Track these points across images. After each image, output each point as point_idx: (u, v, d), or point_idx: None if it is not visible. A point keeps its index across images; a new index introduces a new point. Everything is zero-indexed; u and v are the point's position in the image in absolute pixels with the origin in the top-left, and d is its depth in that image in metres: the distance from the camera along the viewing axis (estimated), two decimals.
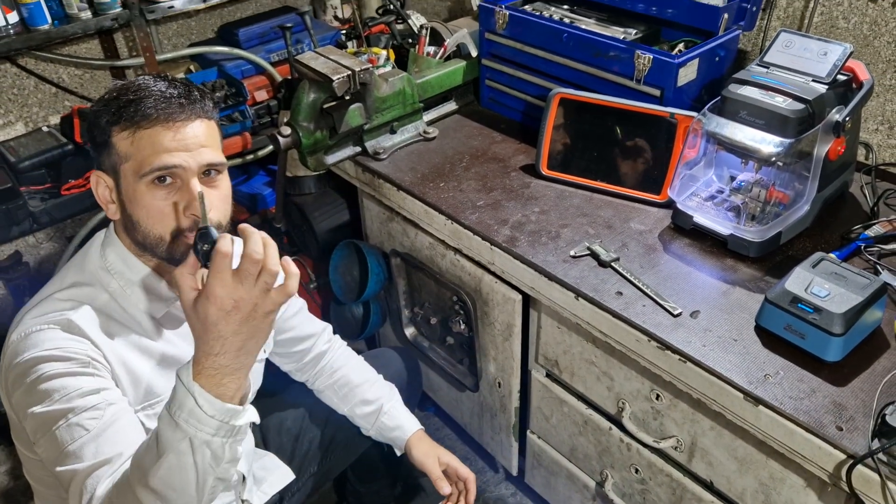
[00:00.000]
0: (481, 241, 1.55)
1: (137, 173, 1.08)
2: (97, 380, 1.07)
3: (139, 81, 1.11)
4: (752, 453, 1.24)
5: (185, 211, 1.10)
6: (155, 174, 1.07)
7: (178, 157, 1.08)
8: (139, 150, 1.07)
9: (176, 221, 1.10)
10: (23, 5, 1.84)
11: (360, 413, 1.56)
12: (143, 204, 1.09)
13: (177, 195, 1.09)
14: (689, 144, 1.47)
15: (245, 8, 2.59)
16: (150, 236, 1.11)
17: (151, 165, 1.07)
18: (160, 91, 1.09)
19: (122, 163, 1.09)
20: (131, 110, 1.07)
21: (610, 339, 1.36)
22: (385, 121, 1.84)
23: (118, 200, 1.13)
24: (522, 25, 1.81)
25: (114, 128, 1.08)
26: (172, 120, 1.08)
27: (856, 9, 1.62)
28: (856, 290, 1.16)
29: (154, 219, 1.10)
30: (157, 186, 1.08)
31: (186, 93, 1.11)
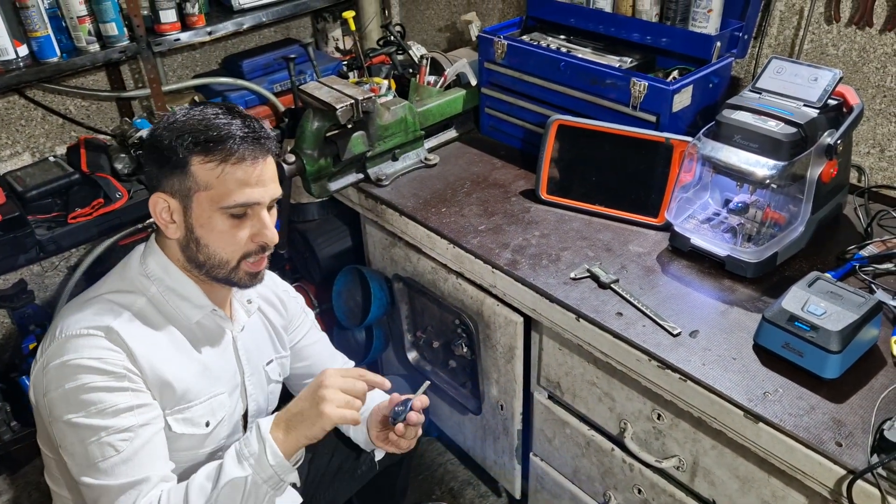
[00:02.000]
0: (483, 265, 1.58)
1: (217, 203, 1.15)
2: (132, 395, 1.13)
3: (209, 115, 1.16)
4: (753, 471, 1.26)
5: (255, 238, 1.19)
6: (237, 209, 1.16)
7: (258, 194, 1.17)
8: (223, 183, 1.14)
9: (244, 247, 1.19)
10: (33, 38, 1.89)
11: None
12: (217, 230, 1.17)
13: (248, 224, 1.18)
14: (685, 168, 1.50)
15: (248, 40, 2.64)
16: (216, 258, 1.19)
17: (236, 201, 1.15)
18: (242, 129, 1.15)
19: (199, 190, 1.15)
20: (220, 145, 1.13)
21: (611, 360, 1.38)
22: (387, 148, 1.87)
23: (183, 222, 1.18)
24: (521, 55, 1.85)
25: (196, 157, 1.14)
26: (254, 158, 1.16)
27: (845, 36, 1.66)
28: (851, 309, 1.19)
29: (225, 243, 1.18)
30: (234, 217, 1.17)
31: (261, 130, 1.19)
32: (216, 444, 1.30)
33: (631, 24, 1.80)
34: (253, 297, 1.39)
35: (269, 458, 1.13)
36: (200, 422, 1.25)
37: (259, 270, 1.25)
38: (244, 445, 1.16)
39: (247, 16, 2.21)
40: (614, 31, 1.84)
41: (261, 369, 1.41)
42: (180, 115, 1.18)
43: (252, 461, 1.14)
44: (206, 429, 1.26)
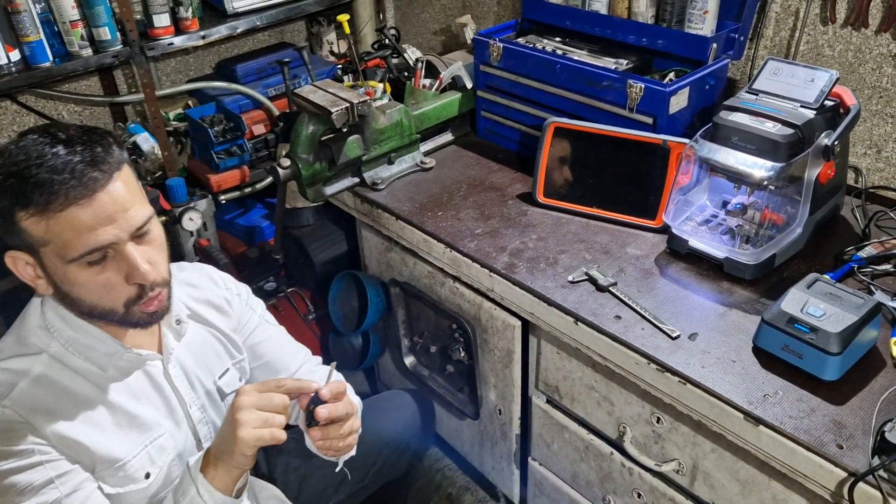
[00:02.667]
0: (480, 269, 1.57)
1: (64, 258, 0.98)
2: (47, 468, 1.02)
3: (31, 150, 0.96)
4: (754, 475, 1.25)
5: (129, 280, 1.02)
6: (86, 259, 0.98)
7: (107, 234, 0.98)
8: (58, 235, 0.96)
9: (124, 293, 1.03)
10: (25, 43, 1.87)
11: None
12: (79, 283, 1.01)
13: (114, 267, 1.01)
14: (683, 170, 1.50)
15: (242, 44, 2.64)
16: (98, 309, 1.04)
17: (78, 251, 0.97)
18: (62, 160, 0.95)
19: (40, 246, 0.98)
20: (35, 193, 0.93)
21: (609, 363, 1.37)
22: (383, 152, 1.86)
23: (46, 277, 1.03)
24: (516, 57, 1.85)
25: (18, 212, 0.95)
26: (88, 195, 0.95)
27: (840, 37, 1.66)
28: (851, 310, 1.18)
29: (98, 294, 1.02)
30: (90, 264, 0.99)
31: (91, 152, 0.97)
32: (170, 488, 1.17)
33: (627, 26, 1.80)
34: (183, 317, 1.23)
35: (205, 498, 1.05)
36: (138, 476, 1.13)
37: (158, 308, 1.08)
38: (179, 491, 1.08)
39: (241, 20, 2.20)
40: (610, 33, 1.84)
41: (211, 388, 1.28)
42: (3, 154, 0.98)
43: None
44: (146, 480, 1.14)
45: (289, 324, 2.29)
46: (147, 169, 2.15)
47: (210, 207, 2.18)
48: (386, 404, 1.67)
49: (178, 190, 2.08)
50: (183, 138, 2.31)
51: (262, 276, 2.25)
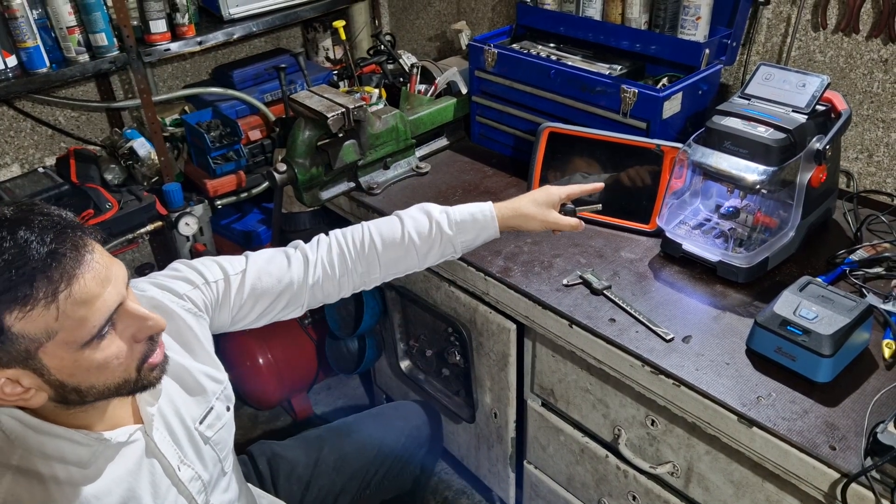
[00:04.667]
0: (475, 272, 1.57)
1: (77, 343, 0.87)
2: None
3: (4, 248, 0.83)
4: (747, 476, 1.26)
5: (138, 336, 0.94)
6: (101, 334, 0.89)
7: (111, 297, 0.89)
8: (69, 318, 0.85)
9: (137, 353, 0.95)
10: (22, 49, 1.88)
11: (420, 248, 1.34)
12: (95, 366, 0.91)
13: (119, 331, 0.93)
14: (676, 174, 1.51)
15: (239, 50, 2.65)
16: (111, 388, 0.94)
17: (97, 325, 0.88)
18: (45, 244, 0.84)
19: (43, 343, 0.86)
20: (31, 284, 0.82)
21: (604, 366, 1.38)
22: (379, 157, 1.87)
23: (44, 384, 0.90)
24: (511, 63, 1.86)
25: (9, 315, 0.82)
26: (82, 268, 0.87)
27: (831, 43, 1.68)
28: (843, 312, 1.19)
29: (112, 369, 0.93)
30: (101, 339, 0.90)
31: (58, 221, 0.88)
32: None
33: (620, 31, 1.81)
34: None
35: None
36: None
37: (162, 359, 1.01)
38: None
39: (237, 26, 2.21)
40: (603, 38, 1.85)
41: (195, 436, 1.15)
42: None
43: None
44: None
45: (285, 327, 2.31)
46: (144, 174, 2.15)
47: (206, 212, 2.19)
48: (393, 413, 1.67)
49: (175, 195, 2.09)
50: (179, 143, 2.32)
51: None
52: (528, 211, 1.37)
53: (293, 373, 2.34)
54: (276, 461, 1.54)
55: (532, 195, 1.39)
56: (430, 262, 1.38)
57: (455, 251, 1.37)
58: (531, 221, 1.37)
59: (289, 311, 1.32)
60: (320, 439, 1.59)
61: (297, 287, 1.29)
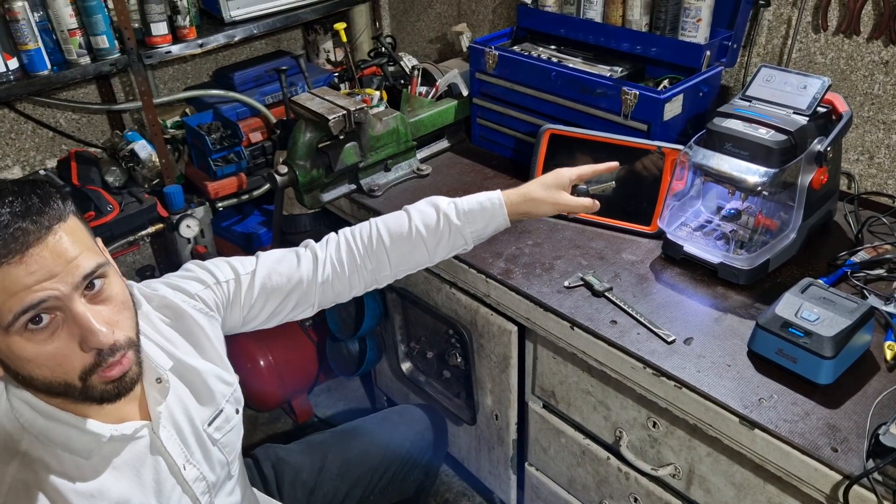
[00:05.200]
0: (476, 274, 1.57)
1: (0, 325, 0.85)
2: None
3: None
4: (749, 478, 1.25)
5: (84, 346, 0.89)
6: (22, 320, 0.85)
7: (44, 291, 0.85)
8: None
9: (78, 362, 0.90)
10: (23, 52, 1.88)
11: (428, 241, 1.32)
12: (26, 356, 0.87)
13: (65, 333, 0.88)
14: (677, 176, 1.51)
15: (240, 52, 2.65)
16: (55, 385, 0.91)
17: (12, 312, 0.84)
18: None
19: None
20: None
21: (605, 368, 1.37)
22: (379, 159, 1.87)
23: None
24: (512, 65, 1.86)
25: None
26: (18, 251, 0.84)
27: (832, 44, 1.68)
28: (844, 314, 1.19)
29: (49, 367, 0.89)
30: (34, 331, 0.86)
31: (24, 205, 0.86)
32: None
33: (621, 33, 1.82)
34: (162, 373, 1.06)
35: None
36: None
37: (120, 375, 0.93)
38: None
39: (238, 28, 2.21)
40: (604, 41, 1.86)
41: (202, 437, 1.14)
42: None
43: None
44: None
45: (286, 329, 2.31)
46: (144, 176, 2.16)
47: (207, 214, 2.19)
48: (397, 418, 1.66)
49: (176, 197, 2.09)
50: (180, 146, 2.32)
51: None
52: (538, 195, 1.33)
53: (294, 374, 2.34)
54: (280, 466, 1.53)
55: (541, 179, 1.36)
56: (440, 256, 1.35)
57: (466, 242, 1.34)
58: (542, 206, 1.34)
59: (299, 310, 1.31)
60: (325, 444, 1.59)
61: (306, 285, 1.28)
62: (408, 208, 1.35)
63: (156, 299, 1.14)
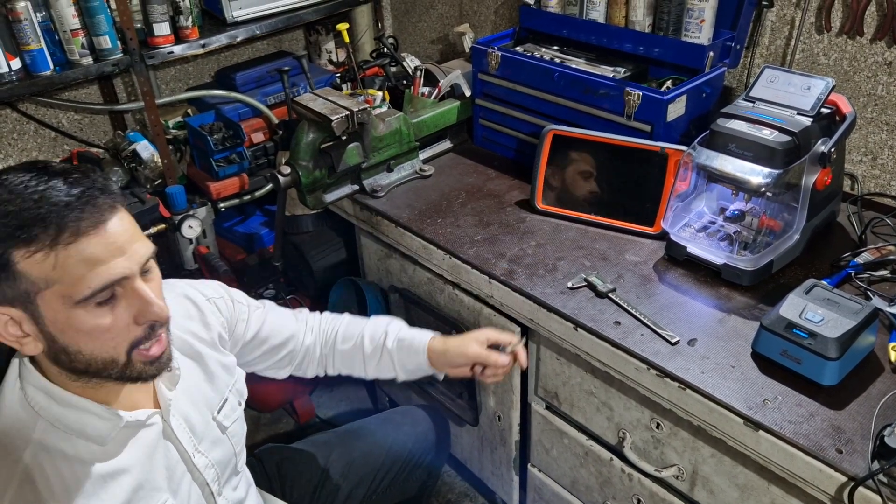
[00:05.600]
0: (479, 275, 1.57)
1: (71, 299, 0.88)
2: None
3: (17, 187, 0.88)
4: (753, 479, 1.25)
5: (139, 319, 0.94)
6: (97, 299, 0.89)
7: (120, 266, 0.89)
8: (67, 272, 0.87)
9: (130, 334, 0.94)
10: (26, 52, 1.88)
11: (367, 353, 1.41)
12: (84, 329, 0.91)
13: (122, 306, 0.92)
14: (681, 177, 1.51)
15: (241, 53, 2.65)
16: (97, 361, 0.94)
17: (92, 288, 0.88)
18: (63, 191, 0.88)
19: (40, 290, 0.88)
20: (41, 226, 0.85)
21: (609, 369, 1.37)
22: (382, 159, 1.87)
23: (39, 332, 0.91)
24: (514, 66, 1.86)
25: (17, 251, 0.86)
26: (96, 225, 0.88)
27: (835, 45, 1.68)
28: (849, 315, 1.19)
29: (101, 341, 0.92)
30: (100, 305, 0.90)
31: (91, 182, 0.91)
32: None
33: (624, 34, 1.81)
34: (175, 361, 1.10)
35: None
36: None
37: (159, 354, 0.98)
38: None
39: (240, 29, 2.21)
40: (607, 41, 1.85)
41: (211, 424, 1.18)
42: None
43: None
44: None
45: None
46: (147, 177, 2.15)
47: (209, 215, 2.19)
48: (400, 418, 1.66)
49: (178, 198, 2.09)
50: (182, 146, 2.32)
51: (262, 283, 2.25)
52: (456, 342, 1.39)
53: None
54: (284, 465, 1.54)
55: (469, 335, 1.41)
56: (370, 373, 1.44)
57: (394, 371, 1.42)
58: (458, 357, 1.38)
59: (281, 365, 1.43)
60: (328, 445, 1.58)
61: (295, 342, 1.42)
62: (373, 318, 1.47)
63: (178, 287, 1.22)
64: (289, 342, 1.40)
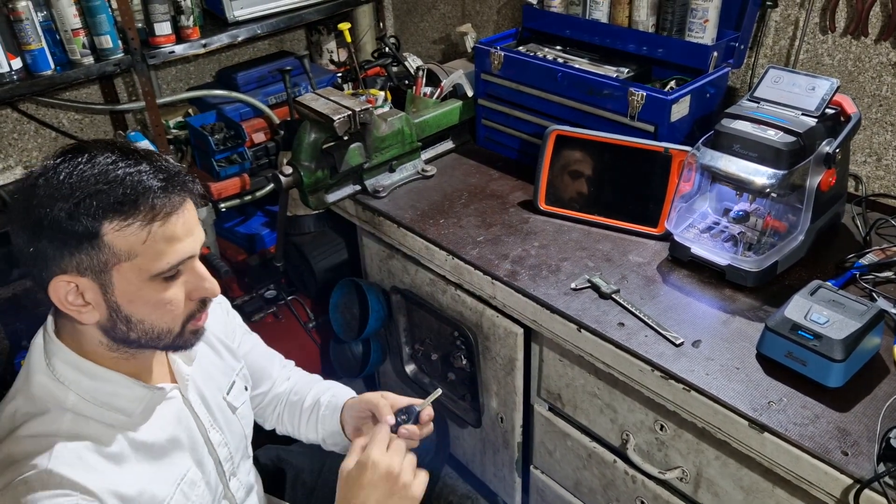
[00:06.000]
0: (482, 276, 1.57)
1: (148, 272, 0.95)
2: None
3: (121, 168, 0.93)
4: (758, 482, 1.25)
5: (193, 295, 1.02)
6: (168, 273, 0.97)
7: (189, 246, 0.98)
8: (152, 245, 0.94)
9: (186, 309, 1.02)
10: (27, 52, 1.87)
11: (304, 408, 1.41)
12: (153, 301, 0.98)
13: (181, 282, 1.00)
14: (684, 178, 1.50)
15: (243, 53, 2.64)
16: (155, 331, 1.01)
17: (170, 263, 0.96)
18: (157, 176, 0.95)
19: (120, 261, 0.94)
20: (138, 203, 0.92)
21: (613, 371, 1.37)
22: (384, 160, 1.87)
23: (103, 302, 0.96)
24: (517, 66, 1.85)
25: (109, 223, 0.91)
26: (180, 208, 0.97)
27: (840, 46, 1.67)
28: (854, 317, 1.18)
29: (165, 313, 1.00)
30: (167, 280, 0.98)
31: (175, 170, 0.98)
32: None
33: (627, 34, 1.81)
34: None
35: None
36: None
37: (202, 324, 1.07)
38: None
39: (241, 28, 2.20)
40: (610, 41, 1.85)
41: (223, 405, 1.24)
42: (62, 172, 0.92)
43: None
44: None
45: (289, 331, 2.30)
46: None
47: (210, 215, 2.18)
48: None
49: None
50: (183, 146, 2.31)
51: (263, 284, 2.25)
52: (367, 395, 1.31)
53: None
54: (281, 466, 1.53)
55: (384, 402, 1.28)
56: (302, 433, 1.43)
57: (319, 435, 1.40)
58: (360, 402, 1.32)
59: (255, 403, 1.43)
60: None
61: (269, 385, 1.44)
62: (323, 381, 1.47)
63: None
64: (263, 382, 1.43)
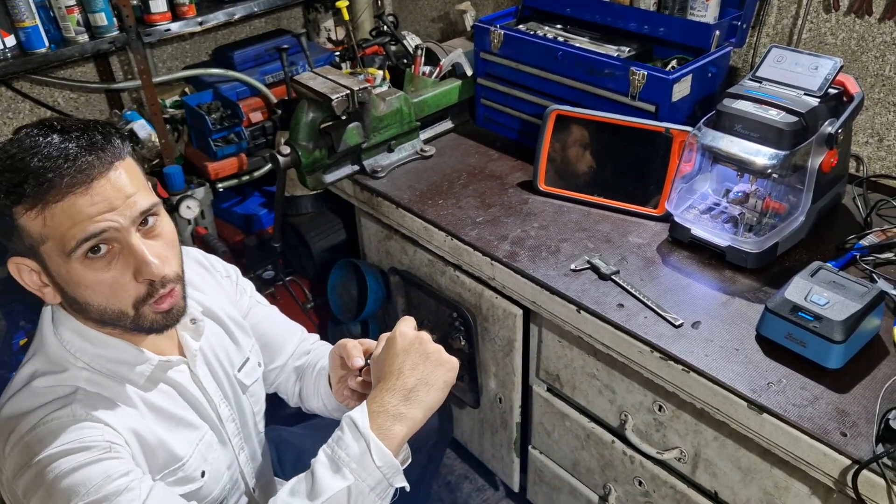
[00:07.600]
0: (482, 257, 1.56)
1: (63, 252, 0.92)
2: (123, 462, 0.94)
3: (25, 142, 0.91)
4: (756, 462, 1.25)
5: (137, 276, 0.96)
6: (84, 248, 0.92)
7: (105, 221, 0.92)
8: (55, 227, 0.91)
9: (132, 291, 0.97)
10: (20, 29, 1.85)
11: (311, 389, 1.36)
12: (84, 283, 0.95)
13: (121, 263, 0.95)
14: (685, 158, 1.49)
15: (239, 31, 2.61)
16: (108, 313, 0.98)
17: (76, 239, 0.91)
18: (56, 148, 0.90)
19: (40, 245, 0.93)
20: (30, 184, 0.89)
21: (612, 352, 1.36)
22: (383, 139, 1.85)
23: (52, 283, 0.97)
24: (517, 45, 1.83)
25: (15, 209, 0.91)
26: (83, 182, 0.91)
27: (843, 25, 1.65)
28: (854, 298, 1.18)
29: (104, 295, 0.96)
30: (93, 259, 0.93)
31: (88, 141, 0.93)
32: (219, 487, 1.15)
33: (629, 13, 1.79)
34: (198, 314, 1.14)
35: (376, 458, 0.96)
36: (196, 475, 1.09)
37: (171, 307, 1.01)
38: (339, 448, 0.98)
39: (238, 6, 2.17)
40: (611, 20, 1.83)
41: (234, 382, 1.23)
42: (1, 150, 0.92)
43: (354, 465, 0.96)
44: (202, 479, 1.10)
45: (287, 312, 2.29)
46: (144, 157, 2.13)
47: (208, 195, 2.17)
48: None
49: (176, 178, 2.07)
50: (180, 126, 2.29)
51: (261, 265, 2.24)
52: None
53: None
54: (284, 447, 1.54)
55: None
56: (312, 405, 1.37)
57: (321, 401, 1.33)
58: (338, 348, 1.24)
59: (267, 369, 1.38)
60: (328, 427, 1.57)
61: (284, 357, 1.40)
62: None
63: (192, 253, 1.27)
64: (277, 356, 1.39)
